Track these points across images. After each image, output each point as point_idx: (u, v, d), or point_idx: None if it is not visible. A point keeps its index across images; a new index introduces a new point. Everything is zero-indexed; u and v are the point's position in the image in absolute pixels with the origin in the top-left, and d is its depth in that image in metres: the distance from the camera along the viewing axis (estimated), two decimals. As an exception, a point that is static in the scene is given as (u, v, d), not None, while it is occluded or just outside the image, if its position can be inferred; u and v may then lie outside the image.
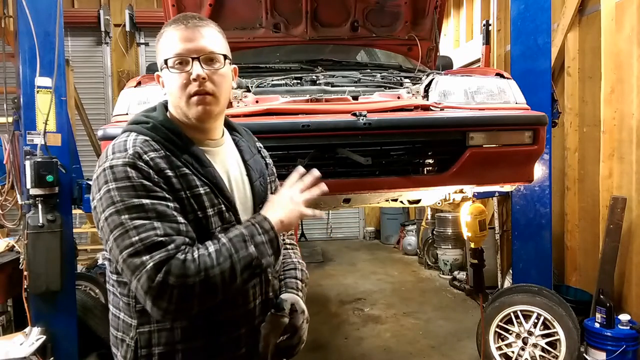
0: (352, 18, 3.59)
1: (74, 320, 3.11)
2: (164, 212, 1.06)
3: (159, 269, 1.01)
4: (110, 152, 1.11)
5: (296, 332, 1.26)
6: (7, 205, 3.44)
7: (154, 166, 1.09)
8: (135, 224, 1.03)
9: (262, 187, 1.32)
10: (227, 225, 1.17)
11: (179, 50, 1.14)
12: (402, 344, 4.08)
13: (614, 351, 3.15)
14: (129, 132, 1.17)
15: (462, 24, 6.53)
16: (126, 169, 1.07)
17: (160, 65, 1.19)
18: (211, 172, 1.18)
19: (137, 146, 1.11)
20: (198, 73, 1.13)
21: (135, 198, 1.05)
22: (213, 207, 1.16)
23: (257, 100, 2.33)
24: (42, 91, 2.99)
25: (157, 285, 1.00)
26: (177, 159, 1.14)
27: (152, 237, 1.02)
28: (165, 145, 1.14)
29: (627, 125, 3.52)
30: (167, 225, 1.05)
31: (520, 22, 3.38)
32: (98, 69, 7.61)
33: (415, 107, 2.38)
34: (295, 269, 1.42)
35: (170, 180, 1.11)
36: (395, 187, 2.35)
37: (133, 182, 1.06)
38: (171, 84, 1.17)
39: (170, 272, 1.01)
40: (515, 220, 3.59)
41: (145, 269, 1.01)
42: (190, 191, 1.13)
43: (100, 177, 1.09)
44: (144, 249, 1.02)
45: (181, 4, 3.39)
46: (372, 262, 6.90)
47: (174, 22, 1.19)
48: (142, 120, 1.19)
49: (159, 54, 1.19)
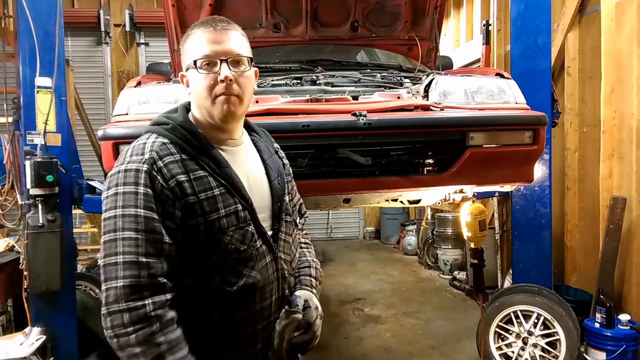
0: (352, 18, 3.58)
1: (74, 320, 3.11)
2: (154, 228, 1.09)
3: (127, 295, 1.05)
4: (129, 155, 1.16)
5: (310, 328, 1.28)
6: (7, 205, 3.44)
7: (166, 173, 1.13)
8: (124, 235, 1.08)
9: (279, 186, 1.34)
10: (242, 225, 1.19)
11: (207, 52, 1.18)
12: (402, 344, 4.08)
13: (614, 351, 3.15)
14: (150, 134, 1.21)
15: (462, 24, 6.53)
16: (137, 174, 1.11)
17: (187, 65, 1.22)
18: (228, 173, 1.20)
19: (154, 150, 1.15)
20: (226, 75, 1.17)
21: (133, 207, 1.09)
22: (227, 207, 1.17)
23: (257, 100, 2.33)
24: (42, 91, 2.99)
25: (115, 310, 1.05)
26: (194, 161, 1.17)
27: (131, 255, 1.07)
28: (183, 147, 1.17)
29: (627, 125, 3.52)
30: (151, 245, 1.08)
31: (520, 22, 3.38)
32: (98, 69, 7.61)
33: (415, 107, 2.38)
34: (309, 267, 1.44)
35: (182, 185, 1.14)
36: (395, 187, 2.35)
37: (138, 189, 1.10)
38: (198, 84, 1.20)
39: (128, 311, 1.04)
40: (515, 220, 3.59)
41: (114, 283, 1.06)
42: (204, 193, 1.15)
43: (114, 177, 1.14)
44: (122, 263, 1.07)
45: (181, 4, 3.39)
46: (372, 262, 6.90)
47: (202, 24, 1.22)
48: (162, 122, 1.23)
49: (186, 55, 1.22)
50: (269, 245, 1.25)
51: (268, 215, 1.28)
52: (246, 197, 1.21)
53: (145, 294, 1.06)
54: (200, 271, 1.16)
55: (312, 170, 2.24)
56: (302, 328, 1.27)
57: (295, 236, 1.40)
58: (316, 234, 8.30)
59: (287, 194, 1.37)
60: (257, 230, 1.22)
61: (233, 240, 1.17)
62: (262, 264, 1.22)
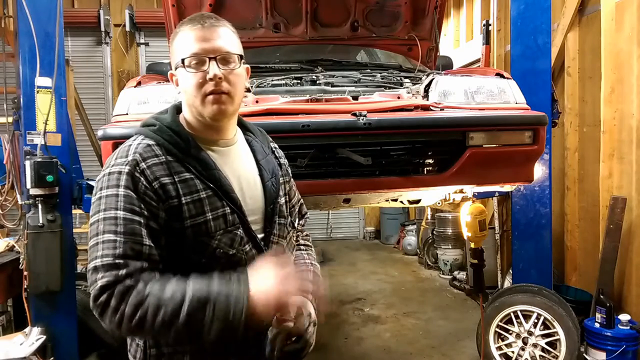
0: (352, 18, 3.59)
1: (74, 320, 3.11)
2: (133, 230, 1.08)
3: (103, 291, 1.03)
4: (114, 158, 1.15)
5: (301, 337, 1.22)
6: (7, 205, 3.44)
7: (149, 174, 1.12)
8: (104, 238, 1.07)
9: (273, 187, 1.30)
10: (230, 228, 1.16)
11: (195, 49, 1.15)
12: (402, 344, 4.08)
13: (614, 351, 3.15)
14: (137, 136, 1.20)
15: (462, 24, 6.53)
16: (119, 176, 1.10)
17: (176, 64, 1.19)
18: (215, 175, 1.17)
19: (137, 152, 1.14)
20: (215, 73, 1.14)
21: (114, 209, 1.08)
22: (215, 210, 1.15)
23: (257, 100, 2.33)
24: (42, 91, 2.99)
25: (100, 304, 1.04)
26: (179, 163, 1.15)
27: (109, 257, 1.05)
28: (169, 148, 1.16)
29: (627, 125, 3.52)
30: (130, 247, 1.06)
31: (520, 22, 3.38)
32: (98, 69, 7.60)
33: (415, 107, 2.38)
34: (307, 271, 1.38)
35: (166, 187, 1.12)
36: (395, 187, 2.35)
37: (119, 191, 1.09)
38: (187, 83, 1.17)
39: (113, 296, 1.03)
40: (515, 220, 3.59)
41: (94, 287, 1.04)
42: (190, 196, 1.13)
43: (99, 182, 1.13)
44: (100, 267, 1.05)
45: (181, 4, 3.39)
46: (372, 262, 6.90)
47: (190, 21, 1.19)
48: (150, 123, 1.22)
49: (175, 53, 1.20)
50: (259, 249, 1.22)
51: (260, 218, 1.25)
52: (235, 200, 1.18)
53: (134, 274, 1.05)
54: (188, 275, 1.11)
55: (312, 170, 2.24)
56: (293, 336, 1.22)
57: (290, 239, 1.37)
58: (316, 234, 8.30)
59: (282, 195, 1.33)
60: (246, 233, 1.19)
61: (221, 244, 1.15)
62: None
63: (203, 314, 1.03)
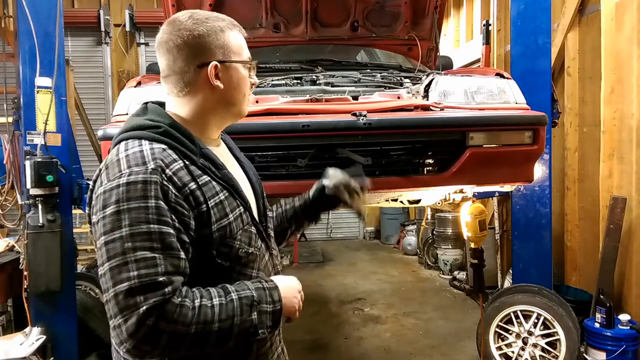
0: (352, 18, 3.59)
1: (74, 320, 3.11)
2: (170, 244, 0.98)
3: (151, 313, 0.93)
4: (126, 166, 1.01)
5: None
6: (7, 205, 3.44)
7: (177, 181, 1.03)
8: (137, 256, 0.95)
9: (258, 182, 1.33)
10: (246, 227, 1.15)
11: (249, 55, 1.24)
12: (402, 344, 4.08)
13: (614, 351, 3.15)
14: (140, 140, 1.07)
15: (462, 24, 6.53)
16: (145, 186, 0.98)
17: (226, 58, 1.16)
18: (227, 175, 1.15)
19: (158, 158, 1.03)
20: (257, 81, 1.29)
21: (145, 223, 0.97)
22: (233, 211, 1.12)
23: (257, 100, 2.32)
24: (42, 91, 2.99)
25: (146, 329, 0.93)
26: (195, 166, 1.08)
27: (151, 276, 0.95)
28: (182, 151, 1.08)
29: (627, 125, 3.52)
30: (170, 262, 0.98)
31: (520, 22, 3.38)
32: (98, 69, 7.61)
33: (415, 107, 2.38)
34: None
35: (195, 193, 1.05)
36: (395, 187, 2.35)
37: (148, 203, 0.98)
38: (242, 82, 1.20)
39: (163, 317, 0.94)
40: (515, 220, 3.59)
41: (136, 311, 0.93)
42: (213, 200, 1.08)
43: (112, 194, 0.98)
44: (139, 288, 0.94)
45: (181, 3, 3.39)
46: (372, 262, 6.90)
47: (233, 25, 1.21)
48: (149, 125, 1.09)
49: (225, 49, 1.16)
50: (266, 243, 1.24)
51: (256, 213, 1.25)
52: (245, 198, 1.18)
53: (179, 290, 0.99)
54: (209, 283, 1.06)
55: (312, 170, 2.24)
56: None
57: None
58: (316, 234, 8.31)
59: None
60: (257, 229, 1.20)
61: (242, 244, 1.13)
62: (263, 263, 1.20)
63: (250, 314, 1.05)
